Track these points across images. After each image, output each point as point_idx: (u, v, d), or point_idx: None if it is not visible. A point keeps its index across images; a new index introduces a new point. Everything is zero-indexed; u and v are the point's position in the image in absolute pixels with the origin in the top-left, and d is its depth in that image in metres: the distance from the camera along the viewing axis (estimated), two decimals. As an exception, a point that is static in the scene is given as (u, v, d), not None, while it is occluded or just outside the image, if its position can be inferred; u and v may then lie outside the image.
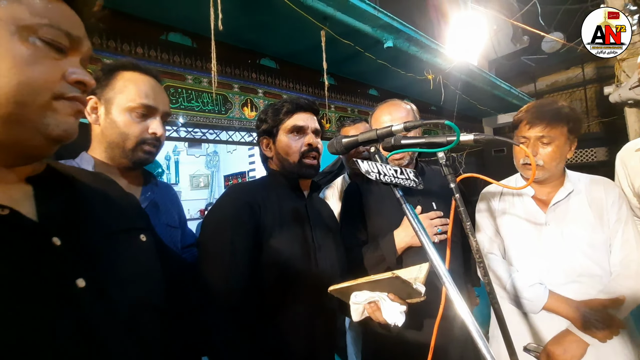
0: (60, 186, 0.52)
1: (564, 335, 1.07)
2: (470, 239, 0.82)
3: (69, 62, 0.47)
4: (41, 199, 0.48)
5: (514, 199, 1.28)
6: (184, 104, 2.23)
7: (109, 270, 0.51)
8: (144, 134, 0.93)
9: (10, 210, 0.42)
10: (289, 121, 1.12)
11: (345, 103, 3.42)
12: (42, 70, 0.44)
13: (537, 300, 1.11)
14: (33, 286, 0.41)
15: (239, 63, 2.56)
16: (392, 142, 0.92)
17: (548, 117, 1.14)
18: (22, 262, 0.41)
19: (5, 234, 0.41)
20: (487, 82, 3.87)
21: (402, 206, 0.77)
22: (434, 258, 0.67)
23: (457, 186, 0.85)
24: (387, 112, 1.34)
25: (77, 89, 0.48)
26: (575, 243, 1.13)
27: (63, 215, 0.49)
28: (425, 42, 2.84)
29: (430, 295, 0.90)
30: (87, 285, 0.45)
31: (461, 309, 0.61)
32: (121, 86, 0.92)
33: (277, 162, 1.14)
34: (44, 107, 0.44)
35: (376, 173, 0.80)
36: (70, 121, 0.47)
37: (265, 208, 1.02)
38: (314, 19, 2.09)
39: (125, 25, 1.97)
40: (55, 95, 0.45)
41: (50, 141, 0.45)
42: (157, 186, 1.07)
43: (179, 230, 1.10)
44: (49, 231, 0.45)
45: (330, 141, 0.91)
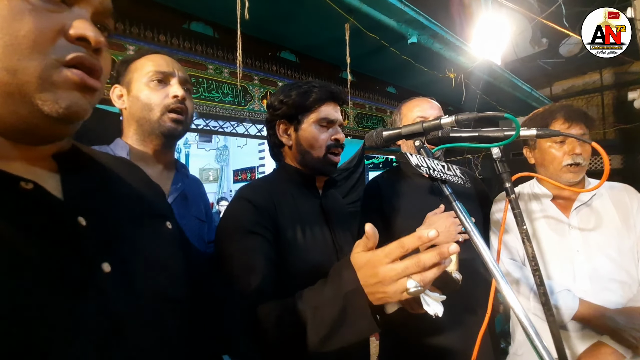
0: (85, 166, 0.47)
1: (598, 348, 1.00)
2: (525, 245, 0.76)
3: (73, 15, 0.39)
4: (67, 177, 0.43)
5: (531, 202, 1.22)
6: (205, 94, 2.20)
7: (134, 256, 0.46)
8: (166, 100, 0.92)
9: (34, 185, 0.38)
10: (319, 110, 1.01)
11: (363, 100, 3.36)
12: (30, 26, 0.36)
13: (566, 309, 1.02)
14: (57, 266, 0.37)
15: (259, 55, 2.52)
16: (439, 135, 0.87)
17: (584, 118, 1.12)
18: (46, 240, 0.37)
19: (29, 209, 0.37)
20: (509, 83, 3.78)
21: (453, 204, 0.72)
22: (487, 258, 0.63)
23: (510, 188, 0.80)
24: (420, 108, 1.29)
25: (80, 47, 0.39)
26: (601, 247, 1.07)
27: (88, 195, 0.44)
28: (449, 39, 2.77)
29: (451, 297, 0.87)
30: (112, 270, 0.41)
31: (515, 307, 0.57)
32: (137, 66, 0.94)
33: (295, 154, 1.03)
34: (39, 77, 0.36)
35: (426, 167, 0.76)
36: (74, 96, 0.39)
37: (281, 211, 0.94)
38: (340, 10, 2.04)
39: (149, 12, 1.94)
40: (52, 60, 0.37)
41: (52, 120, 0.38)
42: (188, 177, 1.05)
43: (206, 225, 1.07)
44: (74, 210, 0.41)
45: (369, 133, 0.86)
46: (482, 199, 1.35)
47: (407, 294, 0.53)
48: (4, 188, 0.36)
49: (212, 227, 1.11)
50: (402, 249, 0.53)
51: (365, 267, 0.57)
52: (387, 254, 0.54)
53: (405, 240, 0.53)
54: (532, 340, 0.55)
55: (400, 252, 0.53)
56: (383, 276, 0.54)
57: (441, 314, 0.85)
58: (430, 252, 0.52)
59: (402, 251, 0.53)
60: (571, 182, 1.12)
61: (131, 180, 0.56)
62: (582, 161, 1.10)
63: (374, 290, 0.56)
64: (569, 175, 1.12)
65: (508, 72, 3.76)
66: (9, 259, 0.33)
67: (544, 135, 0.72)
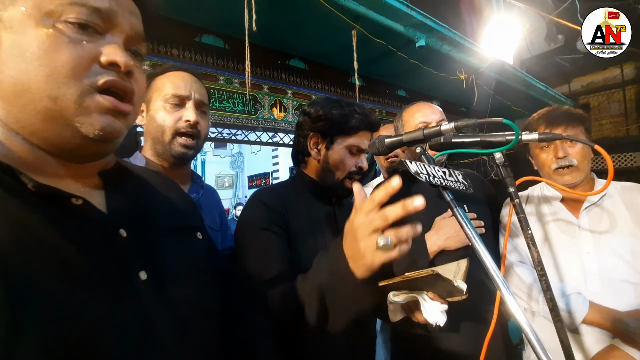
0: (127, 182, 0.53)
1: (609, 352, 0.97)
2: (531, 250, 0.76)
3: (105, 43, 0.43)
4: (110, 193, 0.49)
5: (540, 203, 1.20)
6: (216, 104, 2.26)
7: (169, 265, 0.50)
8: (179, 123, 0.94)
9: (83, 201, 0.43)
10: (354, 137, 1.02)
11: (373, 104, 3.37)
12: (68, 56, 0.40)
13: (575, 312, 1.00)
14: (101, 273, 0.41)
15: (268, 64, 2.57)
16: (441, 142, 0.88)
17: (565, 119, 1.11)
18: (92, 250, 0.41)
19: (79, 223, 0.42)
20: (522, 82, 3.71)
21: (453, 210, 0.73)
22: (488, 264, 0.62)
23: (514, 192, 0.79)
24: (421, 114, 1.28)
25: (112, 72, 0.43)
26: (613, 248, 1.04)
27: (129, 209, 0.49)
28: (458, 40, 2.75)
29: (468, 297, 0.86)
30: (149, 278, 0.45)
31: (518, 315, 0.57)
32: (158, 85, 0.96)
33: (318, 169, 1.05)
34: (76, 103, 0.41)
35: (425, 174, 0.76)
36: (107, 119, 0.43)
37: (292, 215, 0.97)
38: (346, 18, 2.06)
39: (163, 27, 2.02)
40: (86, 87, 0.41)
41: (91, 140, 0.42)
42: (203, 188, 1.09)
43: (220, 233, 1.10)
44: (116, 223, 0.46)
45: (372, 141, 0.87)
46: (491, 203, 1.34)
47: (378, 249, 0.54)
48: (57, 204, 0.41)
49: (226, 235, 1.15)
50: (373, 202, 0.55)
51: (348, 232, 0.60)
52: (361, 208, 0.57)
53: (376, 195, 0.55)
54: (533, 347, 0.55)
55: (371, 205, 0.55)
56: (356, 230, 0.56)
57: (442, 324, 0.85)
58: (395, 205, 0.54)
59: (372, 204, 0.55)
60: (570, 184, 1.10)
61: (167, 193, 0.62)
62: (572, 162, 1.08)
63: (353, 253, 0.58)
64: (565, 177, 1.10)
65: (521, 71, 3.69)
66: (61, 267, 0.37)
67: (546, 139, 0.72)
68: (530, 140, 0.73)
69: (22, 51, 0.39)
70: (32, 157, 0.42)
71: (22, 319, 0.32)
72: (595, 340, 1.01)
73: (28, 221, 0.37)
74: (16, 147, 0.42)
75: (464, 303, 0.91)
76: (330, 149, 1.03)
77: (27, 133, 0.42)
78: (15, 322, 0.32)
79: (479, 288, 1.11)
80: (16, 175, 0.39)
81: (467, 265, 0.91)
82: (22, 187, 0.39)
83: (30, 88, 0.39)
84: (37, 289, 0.35)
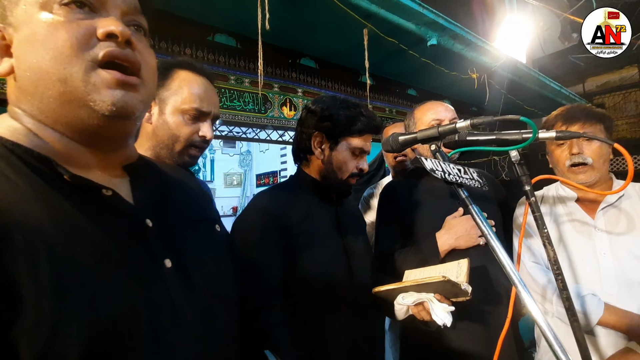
0: (150, 175, 0.55)
1: (624, 354, 0.95)
2: (547, 249, 0.75)
3: (101, 18, 0.44)
4: (135, 185, 0.51)
5: (555, 204, 1.18)
6: (227, 104, 2.28)
7: (191, 255, 0.52)
8: (194, 137, 0.92)
9: (113, 192, 0.45)
10: (358, 139, 1.04)
11: (383, 103, 3.35)
12: (65, 35, 0.41)
13: (591, 314, 0.98)
14: (131, 260, 0.43)
15: (279, 63, 2.58)
16: (455, 139, 0.87)
17: (583, 116, 1.10)
18: (122, 238, 0.44)
19: (109, 212, 0.44)
20: (535, 82, 3.65)
21: (469, 207, 0.73)
22: (505, 261, 0.63)
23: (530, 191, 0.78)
24: (433, 112, 1.28)
25: (112, 43, 0.43)
26: (630, 250, 1.02)
27: (154, 200, 0.51)
28: (470, 39, 2.72)
29: (479, 295, 0.88)
30: (173, 266, 0.47)
31: (534, 312, 0.57)
32: (176, 87, 0.91)
33: (320, 168, 1.07)
34: (83, 81, 0.42)
35: (441, 171, 0.76)
36: (117, 94, 0.43)
37: (295, 218, 0.98)
38: (358, 17, 2.06)
39: (176, 27, 2.04)
40: (88, 63, 0.42)
41: (108, 118, 0.43)
42: None
43: None
44: (143, 213, 0.48)
45: (385, 138, 0.88)
46: (501, 202, 1.32)
47: None
48: (89, 194, 0.43)
49: None
50: None
51: None
52: None
53: None
54: (551, 346, 0.55)
55: None
56: None
57: (449, 324, 0.88)
58: None
59: None
60: (584, 183, 1.08)
61: (188, 186, 0.65)
62: (586, 160, 1.07)
63: None
64: (579, 176, 1.09)
65: (534, 70, 3.62)
66: (98, 254, 0.40)
67: (564, 137, 0.71)
68: (547, 138, 0.72)
69: (30, 44, 0.41)
70: (63, 148, 0.44)
71: (66, 302, 0.34)
72: (610, 342, 1.00)
73: (67, 210, 0.39)
74: (48, 138, 0.44)
75: (473, 301, 0.92)
76: (335, 149, 1.04)
77: (52, 122, 0.44)
78: (59, 306, 0.34)
79: (489, 286, 1.11)
80: (53, 166, 0.41)
81: (468, 266, 0.93)
82: (58, 178, 0.41)
83: (42, 76, 0.41)
84: (79, 274, 0.37)
